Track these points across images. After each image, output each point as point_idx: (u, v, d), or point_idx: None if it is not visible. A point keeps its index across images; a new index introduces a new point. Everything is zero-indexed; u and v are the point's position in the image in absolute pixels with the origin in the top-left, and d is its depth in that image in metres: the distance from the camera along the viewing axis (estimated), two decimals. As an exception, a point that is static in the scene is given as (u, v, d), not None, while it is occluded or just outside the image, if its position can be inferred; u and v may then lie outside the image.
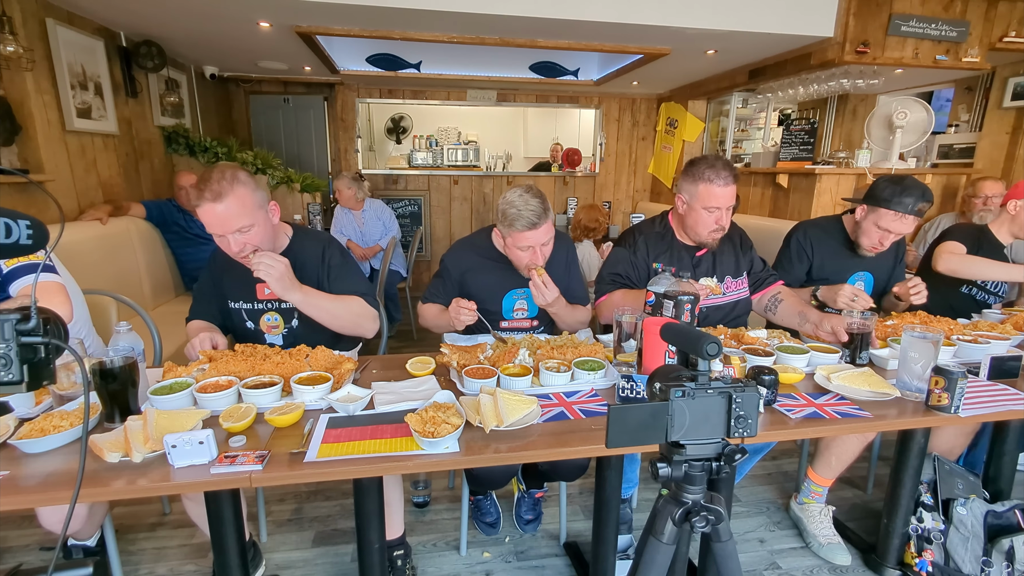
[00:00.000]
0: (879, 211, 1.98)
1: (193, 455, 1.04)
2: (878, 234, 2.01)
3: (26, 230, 0.72)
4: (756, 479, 2.38)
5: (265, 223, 1.58)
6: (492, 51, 4.09)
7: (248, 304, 1.72)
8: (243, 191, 1.51)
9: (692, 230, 1.92)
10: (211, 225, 1.51)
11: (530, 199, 1.68)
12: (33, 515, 1.99)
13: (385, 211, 4.34)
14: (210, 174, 1.49)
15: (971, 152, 4.34)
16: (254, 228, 1.54)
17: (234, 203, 1.48)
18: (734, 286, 2.01)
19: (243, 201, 1.50)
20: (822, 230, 2.23)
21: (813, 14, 3.38)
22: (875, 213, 1.99)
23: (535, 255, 1.74)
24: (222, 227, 1.50)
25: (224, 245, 1.55)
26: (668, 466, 0.86)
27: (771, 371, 1.34)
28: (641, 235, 2.01)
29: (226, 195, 1.47)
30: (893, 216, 1.95)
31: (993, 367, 1.54)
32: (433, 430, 1.12)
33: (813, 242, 2.19)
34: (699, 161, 1.87)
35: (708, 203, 1.83)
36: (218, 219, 1.49)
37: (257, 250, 1.53)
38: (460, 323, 1.68)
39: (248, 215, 1.52)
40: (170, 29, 3.57)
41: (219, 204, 1.47)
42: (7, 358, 0.69)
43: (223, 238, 1.53)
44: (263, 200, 1.58)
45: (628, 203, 6.59)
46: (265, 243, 1.59)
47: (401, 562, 1.72)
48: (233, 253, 1.55)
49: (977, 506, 1.71)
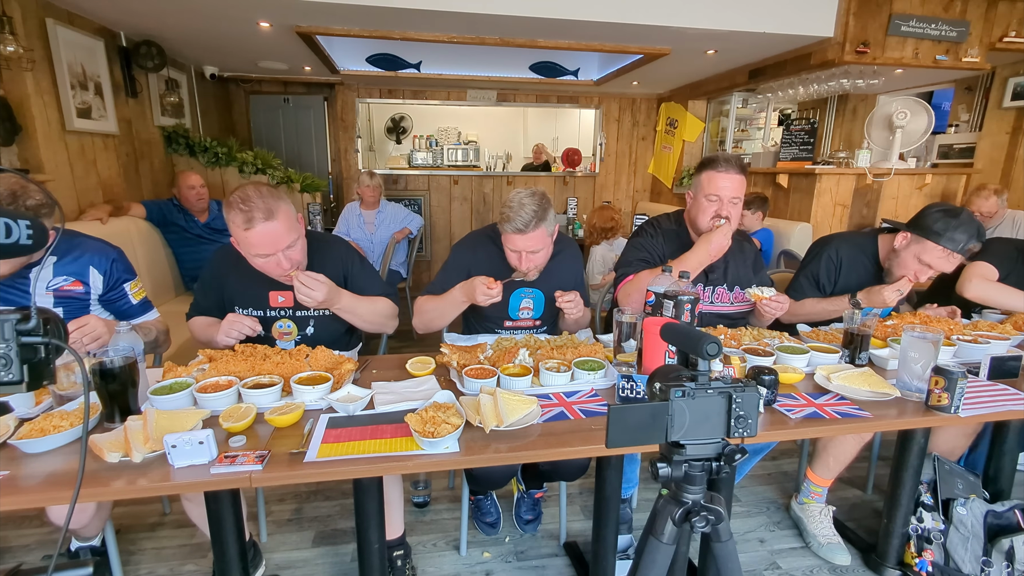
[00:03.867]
0: (925, 243, 1.80)
1: (193, 455, 1.04)
2: (916, 268, 1.84)
3: (26, 230, 0.72)
4: (756, 479, 2.38)
5: (302, 235, 1.57)
6: (492, 51, 4.09)
7: (259, 311, 1.69)
8: (285, 206, 1.48)
9: (695, 222, 1.92)
10: (262, 246, 1.45)
11: (528, 204, 1.67)
12: (33, 515, 2.01)
13: (401, 210, 4.35)
14: (248, 194, 1.43)
15: (971, 152, 4.34)
16: (299, 241, 1.53)
17: (284, 219, 1.46)
18: (743, 297, 1.99)
19: (289, 216, 1.49)
20: (857, 249, 2.05)
21: (813, 14, 3.38)
22: (920, 244, 1.82)
23: (521, 260, 1.74)
24: (274, 246, 1.46)
25: (272, 265, 1.50)
26: (668, 466, 0.86)
27: (771, 371, 1.34)
28: (659, 228, 2.02)
29: (276, 212, 1.44)
30: (940, 252, 1.78)
31: (993, 367, 1.54)
32: (433, 430, 1.12)
33: (844, 261, 2.03)
34: (709, 157, 1.91)
35: (709, 191, 1.84)
36: (271, 238, 1.45)
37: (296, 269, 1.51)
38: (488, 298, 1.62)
39: (295, 229, 1.51)
40: (170, 29, 3.57)
41: (272, 222, 1.43)
42: (7, 358, 0.69)
43: (271, 257, 1.48)
44: (296, 212, 1.57)
45: (628, 203, 6.59)
46: (304, 252, 1.58)
47: (401, 562, 1.72)
48: (283, 271, 1.51)
49: (977, 506, 1.71)
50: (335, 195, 6.00)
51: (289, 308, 1.69)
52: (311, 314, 1.70)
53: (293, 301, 1.66)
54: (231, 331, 1.51)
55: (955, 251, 1.78)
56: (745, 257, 2.03)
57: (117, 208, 3.17)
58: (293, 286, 1.51)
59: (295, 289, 1.48)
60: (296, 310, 1.69)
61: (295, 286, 1.48)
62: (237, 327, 1.51)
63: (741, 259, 2.01)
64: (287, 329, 1.71)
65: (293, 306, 1.68)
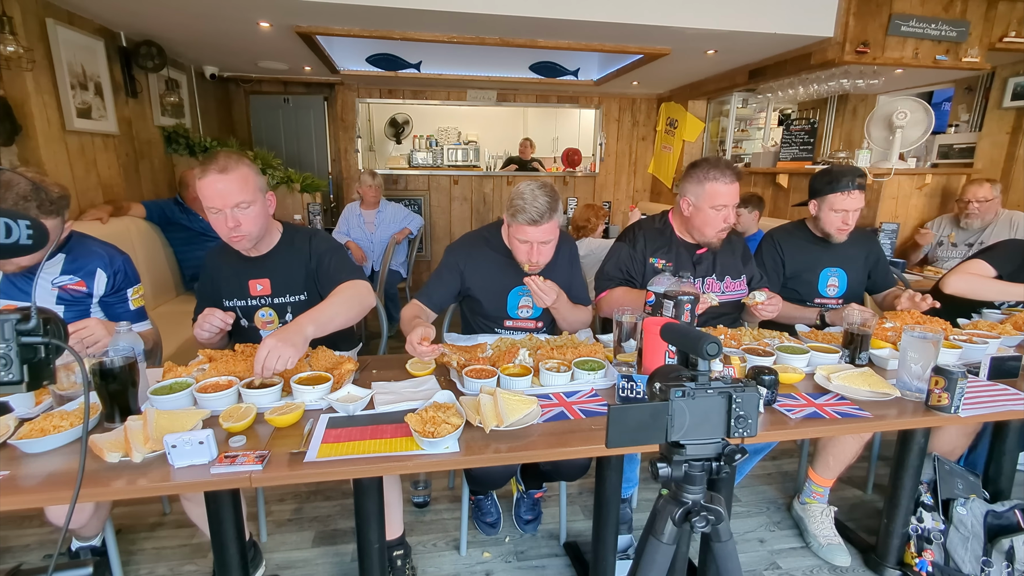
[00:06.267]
0: (827, 198, 2.14)
1: (193, 455, 1.04)
2: (838, 216, 2.13)
3: (26, 230, 0.72)
4: (756, 479, 2.38)
5: (263, 208, 1.61)
6: (492, 51, 4.08)
7: (242, 301, 1.72)
8: (247, 170, 1.55)
9: (699, 231, 1.95)
10: (211, 197, 1.51)
11: (540, 195, 1.70)
12: (33, 515, 2.01)
13: (402, 210, 4.35)
14: (216, 153, 1.54)
15: (971, 152, 4.34)
16: (252, 208, 1.56)
17: (237, 177, 1.52)
18: (733, 286, 2.02)
19: (246, 178, 1.54)
20: (787, 232, 2.34)
21: (813, 14, 3.38)
22: (825, 202, 2.15)
23: (531, 252, 1.74)
24: (223, 200, 1.51)
25: (219, 222, 1.55)
26: (668, 466, 0.86)
27: (771, 371, 1.34)
28: (641, 231, 2.06)
29: (231, 169, 1.51)
30: (841, 196, 2.10)
31: (993, 367, 1.54)
32: (433, 430, 1.12)
33: (781, 243, 2.30)
34: (701, 163, 1.92)
35: (715, 201, 1.87)
36: (220, 191, 1.50)
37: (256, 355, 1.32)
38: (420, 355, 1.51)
39: (249, 192, 1.54)
40: (170, 29, 3.57)
41: (224, 175, 1.50)
42: (7, 358, 0.69)
43: (220, 213, 1.53)
44: (264, 186, 1.62)
45: (628, 203, 6.59)
46: (259, 229, 1.60)
47: (401, 562, 1.72)
48: (227, 229, 1.55)
49: (977, 506, 1.71)
50: (335, 195, 6.00)
51: (268, 296, 1.72)
52: (288, 300, 1.73)
53: (270, 288, 1.71)
54: (204, 324, 1.53)
55: (851, 189, 2.09)
56: (732, 248, 2.09)
57: (117, 208, 3.17)
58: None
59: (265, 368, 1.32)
60: (274, 297, 1.72)
61: (259, 367, 1.31)
62: (210, 320, 1.52)
63: (729, 250, 2.07)
64: (269, 318, 1.73)
65: (271, 293, 1.72)
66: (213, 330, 1.53)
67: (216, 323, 1.52)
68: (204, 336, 1.55)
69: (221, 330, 1.54)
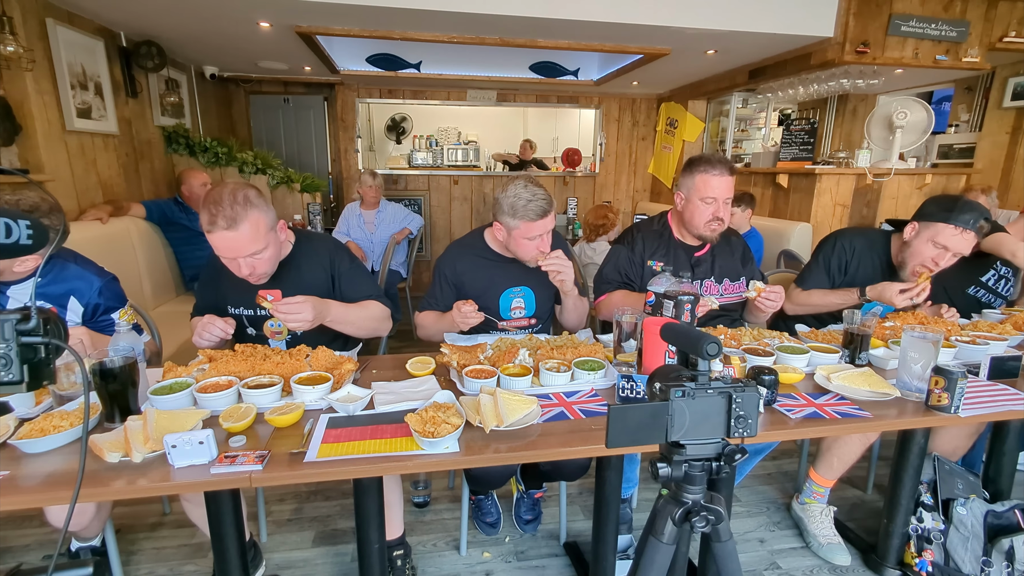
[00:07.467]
0: (936, 226, 1.83)
1: (193, 455, 1.04)
2: (932, 253, 1.85)
3: (26, 230, 0.72)
4: (756, 479, 2.38)
5: (275, 245, 1.57)
6: (492, 51, 4.08)
7: (249, 311, 1.70)
8: (256, 215, 1.46)
9: (690, 223, 1.95)
10: (222, 250, 1.47)
11: (536, 189, 1.70)
12: (33, 515, 2.01)
13: (401, 210, 4.34)
14: (220, 196, 1.43)
15: (971, 152, 4.34)
16: (266, 251, 1.52)
17: (248, 229, 1.45)
18: (732, 289, 2.02)
19: (257, 226, 1.47)
20: (868, 242, 2.07)
21: (813, 14, 3.38)
22: (931, 228, 1.84)
23: (541, 243, 1.75)
24: (234, 252, 1.47)
25: (233, 267, 1.52)
26: (668, 466, 0.86)
27: (771, 371, 1.34)
28: (639, 232, 2.05)
29: (240, 222, 1.43)
30: (953, 231, 1.80)
31: (993, 367, 1.54)
32: (433, 430, 1.12)
33: (857, 253, 2.05)
34: (696, 158, 1.94)
35: (704, 194, 1.87)
36: (231, 247, 1.45)
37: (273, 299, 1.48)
38: (466, 324, 1.67)
39: (261, 240, 1.49)
40: (170, 29, 3.57)
41: (232, 232, 1.42)
42: (7, 358, 0.69)
43: (233, 261, 1.50)
44: (274, 221, 1.55)
45: (628, 203, 6.59)
46: (274, 265, 1.59)
47: (401, 562, 1.72)
48: (242, 276, 1.53)
49: (977, 506, 1.71)
50: (335, 195, 6.00)
51: None
52: None
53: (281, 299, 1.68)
54: (203, 333, 1.49)
55: (967, 228, 1.79)
56: (732, 249, 2.07)
57: (117, 208, 3.17)
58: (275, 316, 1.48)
59: (283, 319, 1.45)
60: None
61: (281, 318, 1.45)
62: (210, 329, 1.48)
63: (728, 251, 2.05)
64: (277, 328, 1.71)
65: None
66: (213, 339, 1.50)
67: (217, 332, 1.49)
68: (204, 345, 1.52)
69: (221, 339, 1.53)
